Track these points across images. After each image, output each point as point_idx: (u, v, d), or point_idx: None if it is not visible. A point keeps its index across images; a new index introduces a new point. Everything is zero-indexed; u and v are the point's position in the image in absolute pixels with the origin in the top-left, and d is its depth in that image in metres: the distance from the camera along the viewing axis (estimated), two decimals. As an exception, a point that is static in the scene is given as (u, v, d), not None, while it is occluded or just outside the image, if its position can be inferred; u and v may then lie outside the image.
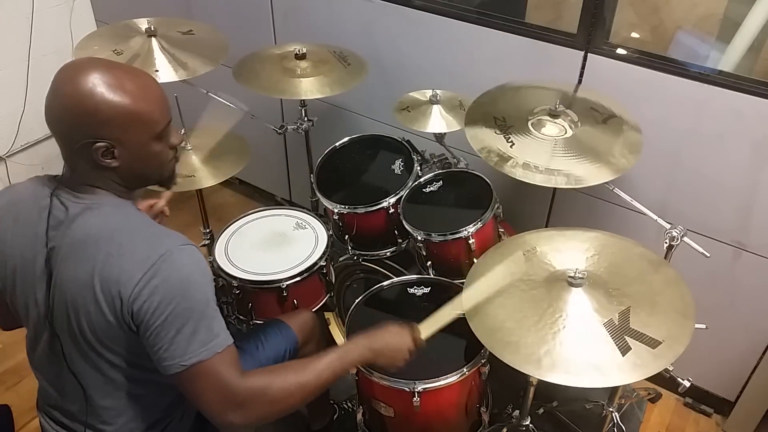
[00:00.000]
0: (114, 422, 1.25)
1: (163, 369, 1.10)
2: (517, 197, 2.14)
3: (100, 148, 1.08)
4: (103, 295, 1.09)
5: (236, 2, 2.50)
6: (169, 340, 1.08)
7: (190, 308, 1.09)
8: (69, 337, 1.17)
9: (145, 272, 1.07)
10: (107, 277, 1.08)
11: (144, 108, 1.10)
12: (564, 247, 1.52)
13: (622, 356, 1.25)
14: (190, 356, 1.08)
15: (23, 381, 2.19)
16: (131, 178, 1.17)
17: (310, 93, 1.96)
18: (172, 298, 1.07)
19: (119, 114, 1.07)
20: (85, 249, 1.11)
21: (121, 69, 1.11)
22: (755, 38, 1.77)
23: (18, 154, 2.92)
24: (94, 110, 1.06)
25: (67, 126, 1.08)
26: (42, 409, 1.36)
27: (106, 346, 1.15)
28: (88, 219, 1.13)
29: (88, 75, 1.06)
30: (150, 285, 1.07)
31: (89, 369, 1.19)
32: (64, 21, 2.94)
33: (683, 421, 2.15)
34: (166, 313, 1.07)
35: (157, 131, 1.14)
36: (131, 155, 1.12)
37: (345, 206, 1.94)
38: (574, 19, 1.82)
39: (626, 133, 1.63)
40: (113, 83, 1.07)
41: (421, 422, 1.57)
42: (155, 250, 1.09)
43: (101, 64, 1.09)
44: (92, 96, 1.05)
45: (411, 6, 2.09)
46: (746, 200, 1.77)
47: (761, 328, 1.92)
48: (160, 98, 1.14)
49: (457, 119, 1.92)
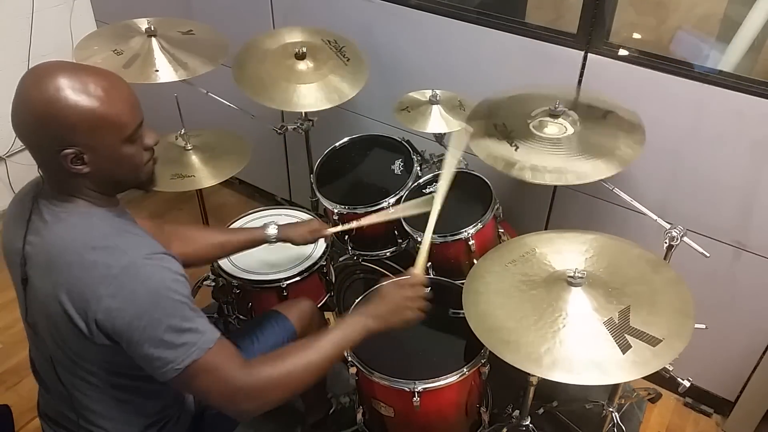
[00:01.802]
0: (106, 427, 1.24)
1: (159, 376, 1.08)
2: (517, 197, 2.14)
3: (68, 154, 1.05)
4: (72, 311, 1.07)
5: (236, 2, 2.50)
6: (155, 349, 1.06)
7: (167, 315, 1.06)
8: (52, 344, 1.16)
9: (108, 287, 1.04)
10: (73, 293, 1.06)
11: (111, 110, 1.06)
12: (563, 248, 1.53)
13: (622, 354, 1.25)
14: (182, 359, 1.06)
15: (23, 381, 2.19)
16: (105, 184, 1.13)
17: (314, 105, 1.94)
18: (144, 311, 1.05)
19: (85, 119, 1.03)
20: (51, 262, 1.09)
21: (86, 71, 1.07)
22: (755, 38, 1.77)
23: (18, 154, 2.92)
24: (59, 116, 1.02)
25: (34, 133, 1.05)
26: (42, 416, 1.37)
27: (82, 357, 1.14)
28: (57, 230, 1.11)
29: (52, 79, 1.02)
30: (117, 300, 1.04)
31: (73, 376, 1.18)
32: (64, 21, 2.94)
33: (683, 421, 2.14)
34: (143, 325, 1.05)
35: (127, 134, 1.09)
36: (102, 160, 1.08)
37: (345, 206, 1.94)
38: (574, 19, 1.82)
39: (626, 124, 1.64)
40: (77, 87, 1.03)
41: (421, 422, 1.57)
42: (117, 262, 1.06)
43: (65, 67, 1.06)
44: (57, 101, 1.02)
45: (411, 6, 2.09)
46: (746, 200, 1.77)
47: (761, 328, 1.92)
48: (128, 99, 1.10)
49: (457, 119, 1.92)
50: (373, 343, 1.60)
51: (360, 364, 1.55)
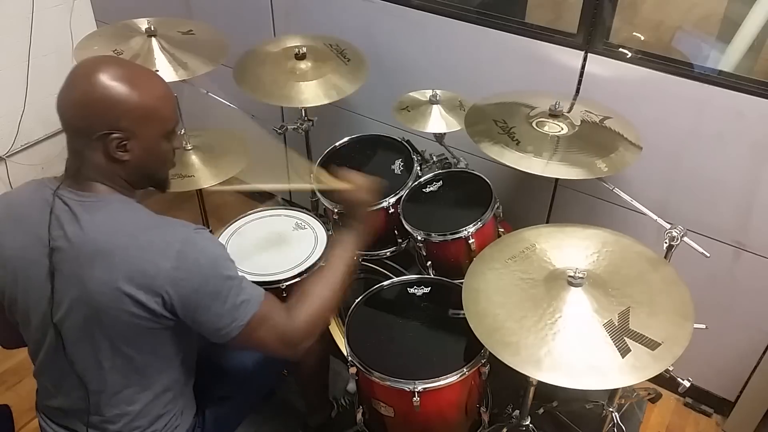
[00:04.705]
0: (118, 421, 1.26)
1: (222, 337, 1.17)
2: (516, 197, 2.14)
3: (115, 139, 1.11)
4: (135, 291, 1.10)
5: (236, 2, 2.50)
6: (220, 311, 1.15)
7: (226, 279, 1.16)
8: (79, 336, 1.17)
9: (172, 261, 1.11)
10: (131, 273, 1.10)
11: (160, 105, 1.15)
12: (563, 244, 1.52)
13: (621, 358, 1.25)
14: (245, 315, 1.16)
15: (23, 381, 2.19)
16: (137, 175, 1.20)
17: (312, 100, 1.95)
18: (208, 277, 1.14)
19: (138, 107, 1.11)
20: (101, 247, 1.11)
21: (138, 67, 1.19)
22: (755, 38, 1.77)
23: (18, 154, 2.92)
24: (114, 101, 1.09)
25: (86, 116, 1.10)
26: (42, 410, 1.36)
27: (125, 340, 1.17)
28: (97, 217, 1.14)
29: (107, 69, 1.10)
30: (181, 271, 1.11)
31: (97, 368, 1.20)
32: (64, 21, 2.94)
33: (683, 421, 2.15)
34: (207, 290, 1.13)
35: (169, 129, 1.19)
36: (142, 150, 1.15)
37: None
38: (574, 19, 1.82)
39: (623, 129, 1.65)
40: (132, 78, 1.12)
41: (421, 422, 1.57)
42: (175, 238, 1.14)
43: (119, 60, 1.18)
44: (113, 87, 1.09)
45: (411, 6, 2.09)
46: (746, 200, 1.77)
47: (761, 328, 1.92)
48: (171, 98, 1.19)
49: (457, 119, 1.92)
50: (373, 343, 1.62)
51: (360, 364, 1.55)
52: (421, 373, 1.50)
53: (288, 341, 1.23)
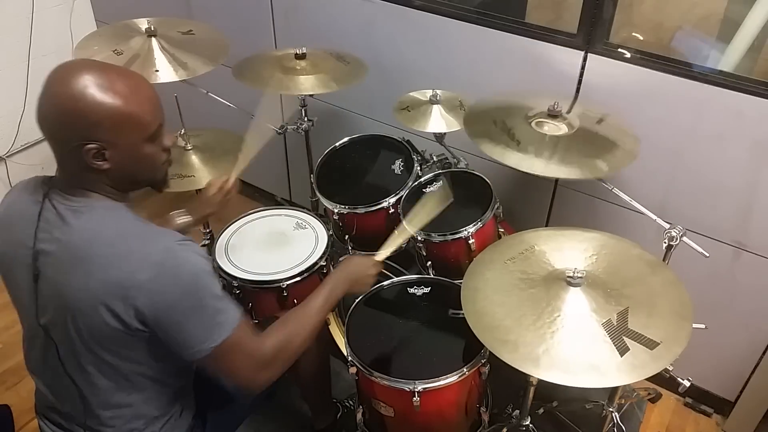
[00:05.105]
0: (113, 424, 1.25)
1: (191, 355, 1.14)
2: (517, 198, 2.14)
3: (91, 149, 1.08)
4: (105, 299, 1.08)
5: (236, 2, 2.50)
6: (194, 329, 1.12)
7: (207, 295, 1.12)
8: (65, 340, 1.17)
9: (148, 272, 1.08)
10: (108, 282, 1.08)
11: (135, 110, 1.09)
12: (563, 246, 1.52)
13: (620, 357, 1.25)
14: (217, 336, 1.13)
15: (23, 381, 2.19)
16: (122, 181, 1.16)
17: (311, 89, 1.96)
18: (187, 291, 1.10)
19: (110, 115, 1.07)
20: (80, 254, 1.10)
21: (113, 70, 1.11)
22: (755, 38, 1.77)
23: (18, 154, 2.92)
24: (85, 111, 1.05)
25: (59, 127, 1.08)
26: (40, 413, 1.36)
27: (105, 348, 1.15)
28: (82, 223, 1.12)
29: (79, 76, 1.06)
30: (157, 283, 1.08)
31: (86, 372, 1.19)
32: (64, 21, 2.94)
33: (683, 421, 2.15)
34: (183, 306, 1.10)
35: (149, 133, 1.13)
36: (122, 157, 1.11)
37: (345, 206, 1.94)
38: (574, 19, 1.82)
39: (623, 129, 1.65)
40: (105, 84, 1.06)
41: (421, 422, 1.57)
42: (155, 248, 1.10)
43: (93, 65, 1.09)
44: (83, 97, 1.05)
45: (411, 6, 2.09)
46: (746, 200, 1.77)
47: (761, 328, 1.92)
48: (151, 100, 1.13)
49: (457, 119, 1.92)
50: (373, 343, 1.61)
51: (360, 364, 1.55)
52: (421, 373, 1.50)
53: (254, 369, 1.21)
